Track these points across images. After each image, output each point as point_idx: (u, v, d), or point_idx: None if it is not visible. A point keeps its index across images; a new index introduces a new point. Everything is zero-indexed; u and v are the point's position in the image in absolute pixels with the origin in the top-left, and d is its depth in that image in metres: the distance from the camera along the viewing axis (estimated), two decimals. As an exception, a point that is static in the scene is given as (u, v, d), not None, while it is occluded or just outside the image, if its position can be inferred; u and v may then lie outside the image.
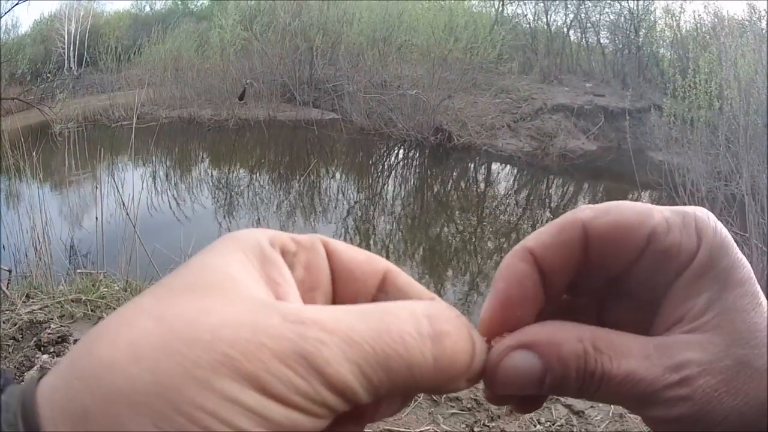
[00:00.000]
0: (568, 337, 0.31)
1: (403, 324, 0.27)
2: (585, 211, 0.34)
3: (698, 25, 13.78)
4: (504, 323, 0.34)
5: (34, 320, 3.04)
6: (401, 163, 12.66)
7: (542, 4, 17.40)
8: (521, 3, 18.36)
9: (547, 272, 0.35)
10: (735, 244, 0.34)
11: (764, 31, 9.05)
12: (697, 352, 0.31)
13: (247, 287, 0.27)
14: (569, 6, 17.14)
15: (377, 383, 0.25)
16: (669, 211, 0.34)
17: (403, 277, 0.34)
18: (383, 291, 0.33)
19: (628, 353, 0.31)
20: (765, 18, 9.78)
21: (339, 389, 0.25)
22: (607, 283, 0.36)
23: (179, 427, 0.22)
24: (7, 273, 3.92)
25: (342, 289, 0.33)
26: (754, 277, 0.33)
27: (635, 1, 16.04)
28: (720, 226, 0.34)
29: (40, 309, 3.19)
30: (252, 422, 0.23)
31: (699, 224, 0.33)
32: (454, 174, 11.89)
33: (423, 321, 0.27)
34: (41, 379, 0.24)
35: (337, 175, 11.29)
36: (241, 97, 10.41)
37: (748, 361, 0.30)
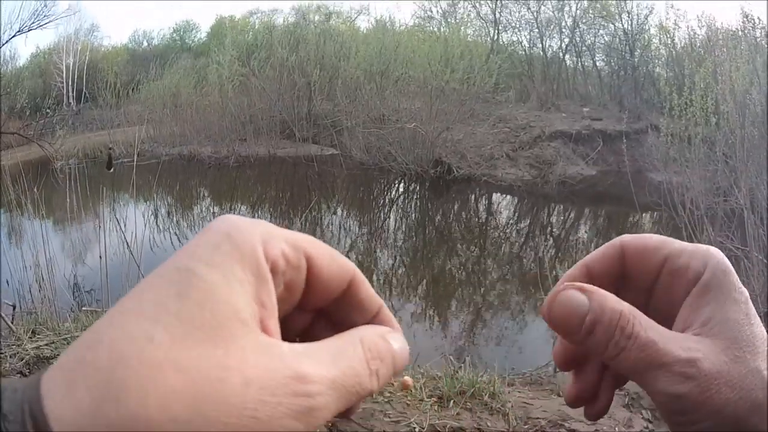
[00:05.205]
0: (615, 299, 0.40)
1: (359, 366, 0.33)
2: (626, 236, 0.46)
3: (692, 40, 13.99)
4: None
5: (41, 356, 3.05)
6: (402, 197, 12.73)
7: (537, 30, 17.60)
8: (516, 30, 18.58)
9: (595, 277, 0.45)
10: (737, 277, 0.41)
11: (758, 40, 9.12)
12: (703, 347, 0.38)
13: (252, 330, 0.30)
14: (564, 30, 17.34)
15: (342, 408, 0.31)
16: (687, 244, 0.43)
17: (363, 288, 0.39)
18: (347, 298, 0.39)
19: (656, 329, 0.39)
20: (760, 26, 9.86)
21: (320, 423, 0.30)
22: (640, 302, 0.44)
23: None
24: (11, 308, 3.92)
25: (313, 295, 0.37)
26: (751, 302, 0.40)
27: (630, 2, 16.24)
28: (726, 260, 0.42)
29: (47, 345, 3.20)
30: None
31: (707, 255, 0.42)
32: (455, 206, 11.95)
33: (369, 362, 0.34)
34: (43, 393, 0.25)
35: (339, 211, 11.34)
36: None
37: (744, 360, 0.37)
